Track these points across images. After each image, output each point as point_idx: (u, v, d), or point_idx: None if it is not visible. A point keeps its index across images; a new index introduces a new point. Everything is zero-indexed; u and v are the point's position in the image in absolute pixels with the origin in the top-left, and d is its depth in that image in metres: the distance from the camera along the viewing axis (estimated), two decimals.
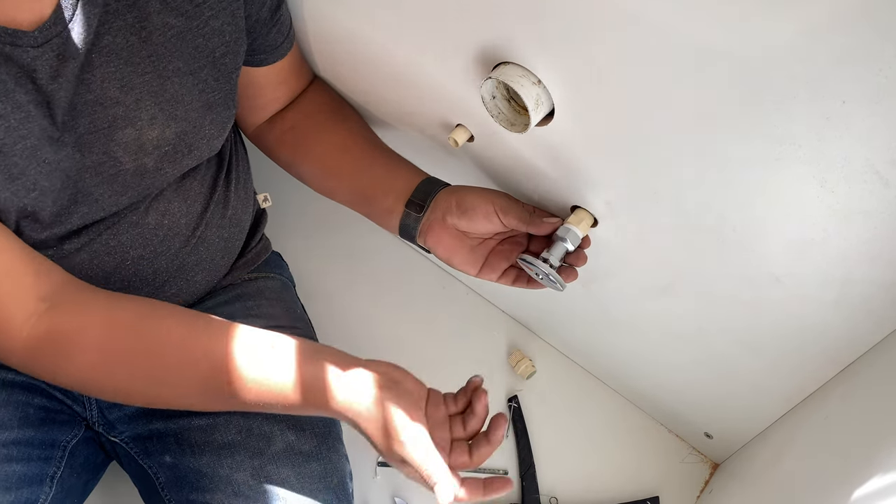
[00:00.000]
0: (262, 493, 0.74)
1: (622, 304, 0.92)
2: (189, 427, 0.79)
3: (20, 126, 0.61)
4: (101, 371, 0.67)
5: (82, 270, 0.73)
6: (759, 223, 0.64)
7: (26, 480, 0.70)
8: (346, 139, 0.89)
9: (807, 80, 0.49)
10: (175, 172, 0.75)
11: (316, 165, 0.89)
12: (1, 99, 0.60)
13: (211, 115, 0.74)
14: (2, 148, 0.61)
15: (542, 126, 0.70)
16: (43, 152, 0.64)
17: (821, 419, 0.76)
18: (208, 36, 0.70)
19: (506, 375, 1.14)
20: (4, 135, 0.61)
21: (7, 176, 0.62)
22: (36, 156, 0.63)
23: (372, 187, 0.85)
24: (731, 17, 0.49)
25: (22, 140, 0.62)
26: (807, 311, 0.70)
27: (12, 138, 0.61)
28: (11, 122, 0.61)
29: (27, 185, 0.64)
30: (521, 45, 0.64)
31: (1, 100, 0.60)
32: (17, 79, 0.60)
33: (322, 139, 0.89)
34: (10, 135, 0.61)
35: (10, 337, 0.65)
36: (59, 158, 0.65)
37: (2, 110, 0.60)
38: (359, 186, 0.86)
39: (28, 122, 0.62)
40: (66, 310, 0.67)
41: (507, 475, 1.06)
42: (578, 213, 0.77)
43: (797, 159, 0.55)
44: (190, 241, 0.80)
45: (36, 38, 0.60)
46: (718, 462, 1.08)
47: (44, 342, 0.66)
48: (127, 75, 0.66)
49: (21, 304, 0.65)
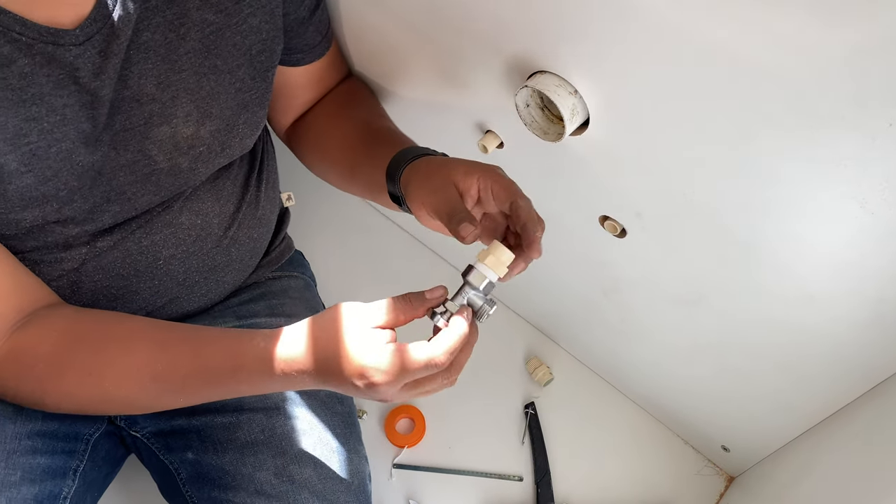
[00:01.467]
0: (284, 492, 0.74)
1: (645, 314, 0.92)
2: (212, 425, 0.79)
3: (55, 129, 0.62)
4: (51, 381, 0.66)
5: (115, 269, 0.73)
6: (796, 241, 0.63)
7: (50, 473, 0.70)
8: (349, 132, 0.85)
9: (855, 101, 0.49)
10: (207, 171, 0.75)
11: (326, 163, 0.88)
12: (36, 102, 0.60)
13: (245, 115, 0.74)
14: (36, 151, 0.61)
15: (575, 135, 0.70)
16: (78, 155, 0.64)
17: (846, 439, 0.75)
18: (245, 33, 0.70)
19: (523, 382, 1.14)
20: (38, 138, 0.61)
21: (40, 178, 0.63)
22: (70, 159, 0.64)
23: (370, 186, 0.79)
24: (781, 35, 0.49)
25: (57, 143, 0.62)
26: (838, 330, 0.69)
27: (47, 141, 0.62)
28: (45, 126, 0.61)
29: (58, 185, 0.64)
30: (558, 55, 0.64)
31: (36, 103, 0.60)
32: (58, 81, 0.60)
33: (330, 133, 0.87)
34: (44, 138, 0.61)
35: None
36: (95, 159, 0.65)
37: (36, 113, 0.60)
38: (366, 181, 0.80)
39: (63, 126, 0.62)
40: (31, 326, 0.66)
41: (521, 480, 1.06)
42: (495, 250, 0.62)
43: (839, 179, 0.55)
44: (222, 242, 0.80)
45: (77, 36, 0.60)
46: (734, 475, 1.07)
47: (4, 361, 0.66)
48: (164, 72, 0.66)
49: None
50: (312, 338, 0.62)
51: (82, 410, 0.68)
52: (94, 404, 0.67)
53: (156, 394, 0.66)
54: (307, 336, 0.62)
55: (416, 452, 1.07)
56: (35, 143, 0.61)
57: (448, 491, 1.05)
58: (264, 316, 0.87)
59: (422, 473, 1.06)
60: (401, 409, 1.09)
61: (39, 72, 0.59)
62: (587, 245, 0.86)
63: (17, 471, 0.65)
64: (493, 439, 1.09)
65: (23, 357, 0.65)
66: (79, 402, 0.66)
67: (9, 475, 0.64)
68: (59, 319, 0.68)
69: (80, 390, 0.66)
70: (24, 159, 0.61)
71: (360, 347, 0.59)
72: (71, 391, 0.66)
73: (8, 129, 0.59)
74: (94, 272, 0.73)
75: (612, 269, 0.86)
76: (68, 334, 0.66)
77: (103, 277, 0.74)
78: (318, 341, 0.61)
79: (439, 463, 1.07)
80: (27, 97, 0.59)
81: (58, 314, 0.68)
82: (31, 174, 0.62)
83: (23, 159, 0.61)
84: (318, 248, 1.14)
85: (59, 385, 0.65)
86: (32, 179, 0.62)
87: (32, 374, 0.66)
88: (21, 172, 0.61)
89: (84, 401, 0.66)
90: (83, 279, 0.73)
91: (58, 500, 0.70)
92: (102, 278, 0.74)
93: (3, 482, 0.64)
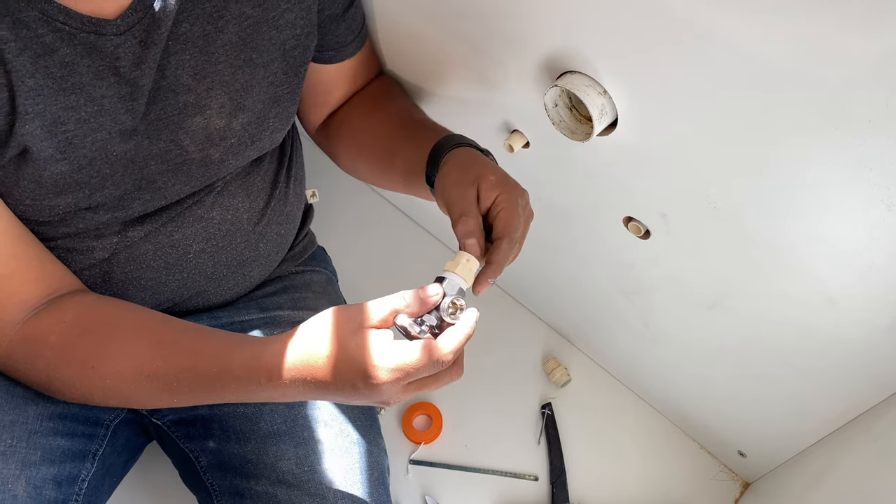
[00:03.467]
0: (305, 482, 0.75)
1: (665, 316, 0.92)
2: (234, 414, 0.80)
3: (91, 119, 0.63)
4: (57, 369, 0.66)
5: (145, 261, 0.75)
6: (820, 244, 0.64)
7: (70, 455, 0.71)
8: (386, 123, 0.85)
9: (885, 105, 0.50)
10: (237, 163, 0.76)
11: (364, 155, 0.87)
12: (75, 91, 0.61)
13: (276, 109, 0.75)
14: (72, 140, 0.63)
15: (603, 136, 0.71)
16: (113, 145, 0.65)
17: (864, 445, 0.75)
18: (281, 28, 0.71)
19: (540, 382, 1.14)
20: (76, 127, 0.62)
21: (75, 166, 0.64)
22: (105, 148, 0.65)
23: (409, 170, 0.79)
24: (809, 40, 0.50)
25: (93, 133, 0.63)
26: (860, 335, 0.69)
27: (83, 131, 0.63)
28: (82, 115, 0.62)
29: (91, 173, 0.65)
30: (589, 55, 0.65)
31: (75, 92, 0.61)
32: (99, 71, 0.62)
33: (365, 126, 0.87)
34: (80, 127, 0.63)
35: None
36: (128, 148, 0.67)
37: (74, 102, 0.61)
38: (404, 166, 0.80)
39: (100, 116, 0.63)
40: (47, 312, 0.67)
41: (536, 480, 1.06)
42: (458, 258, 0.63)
43: (867, 182, 0.55)
44: (250, 237, 0.82)
45: (118, 26, 0.61)
46: (750, 481, 1.07)
47: (18, 345, 0.67)
48: (201, 63, 0.67)
49: (14, 308, 0.66)
50: (305, 344, 0.60)
51: (86, 401, 0.68)
52: (96, 396, 0.67)
53: (151, 391, 0.66)
54: (299, 343, 0.60)
55: (432, 449, 1.08)
56: (72, 131, 0.62)
57: (464, 488, 1.05)
58: (288, 309, 0.88)
59: (438, 470, 1.06)
60: (418, 405, 1.10)
61: (81, 61, 0.61)
62: (610, 246, 0.87)
63: (38, 451, 0.67)
64: (510, 439, 1.10)
65: (34, 344, 0.66)
66: (81, 392, 0.67)
67: (29, 454, 0.66)
68: (70, 309, 0.68)
69: (83, 382, 0.66)
70: (61, 147, 0.63)
71: (361, 348, 0.57)
72: (74, 382, 0.66)
73: (46, 117, 0.61)
74: (126, 263, 0.74)
75: (634, 270, 0.86)
76: (76, 326, 0.67)
77: (134, 269, 0.75)
78: (312, 347, 0.59)
79: (455, 460, 1.07)
80: (67, 86, 0.61)
81: (71, 303, 0.69)
82: (65, 162, 0.63)
83: (59, 147, 0.62)
84: (339, 244, 1.15)
85: (63, 375, 0.66)
86: (67, 167, 0.64)
87: (41, 362, 0.67)
88: (56, 160, 0.63)
89: (86, 392, 0.67)
90: (114, 269, 0.74)
91: (76, 482, 0.71)
92: (133, 269, 0.75)
93: (24, 461, 0.65)
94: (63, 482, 0.69)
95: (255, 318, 0.86)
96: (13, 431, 0.66)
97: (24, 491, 0.64)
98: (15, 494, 0.63)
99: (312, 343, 0.60)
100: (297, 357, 0.60)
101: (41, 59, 0.59)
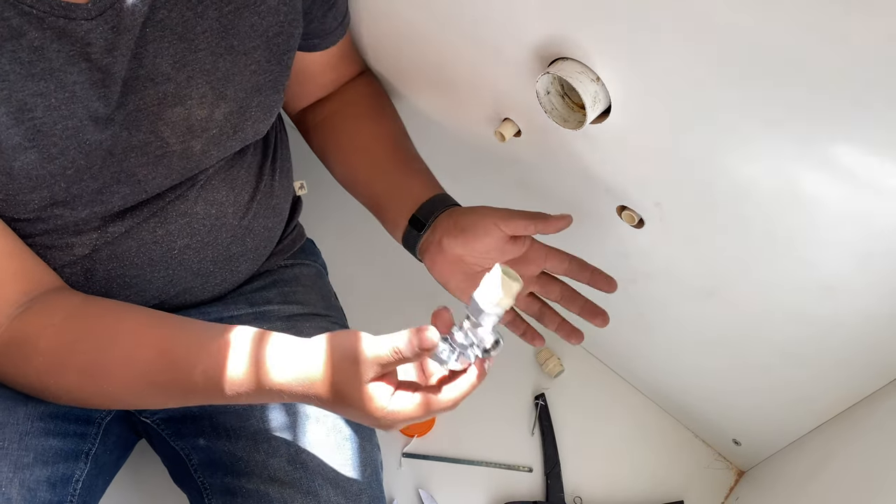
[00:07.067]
0: (297, 479, 0.74)
1: (661, 306, 0.91)
2: (224, 411, 0.79)
3: (62, 106, 0.61)
4: (53, 375, 0.65)
5: (128, 258, 0.73)
6: (818, 231, 0.63)
7: (63, 455, 0.70)
8: (372, 139, 0.88)
9: (886, 89, 0.48)
10: (219, 155, 0.74)
11: (340, 159, 0.89)
12: (45, 77, 0.59)
13: (259, 98, 0.73)
14: (41, 127, 0.60)
15: (595, 123, 0.69)
16: (85, 133, 0.63)
17: (861, 433, 0.75)
18: (263, 14, 0.69)
19: (533, 373, 1.14)
20: (44, 114, 0.60)
21: (45, 156, 0.62)
22: (78, 137, 0.63)
23: (385, 195, 0.85)
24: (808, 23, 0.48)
25: (63, 120, 0.61)
26: (857, 323, 0.69)
27: (53, 118, 0.61)
28: (52, 102, 0.60)
29: (65, 164, 0.63)
30: (581, 41, 0.63)
31: (45, 77, 0.59)
32: (69, 57, 0.59)
33: (350, 133, 0.88)
34: (50, 114, 0.60)
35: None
36: (104, 138, 0.64)
37: (44, 88, 0.59)
38: (373, 191, 0.86)
39: (72, 103, 0.61)
40: (34, 313, 0.66)
41: (531, 471, 1.06)
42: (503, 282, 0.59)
43: (867, 168, 0.54)
44: (237, 232, 0.80)
45: (90, 11, 0.59)
46: (744, 469, 1.07)
47: (4, 348, 0.65)
48: (180, 51, 0.65)
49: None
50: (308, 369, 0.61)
51: (84, 406, 0.68)
52: (92, 401, 0.67)
53: (158, 400, 0.67)
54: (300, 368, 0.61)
55: (425, 442, 1.07)
56: (40, 118, 0.60)
57: (457, 481, 1.05)
58: (277, 303, 0.87)
59: (431, 463, 1.06)
60: None
61: (50, 46, 0.58)
62: (603, 235, 0.86)
63: (31, 452, 0.65)
64: (503, 430, 1.09)
65: (22, 348, 0.65)
66: (77, 398, 0.66)
67: (22, 456, 0.64)
68: (58, 311, 0.66)
69: (80, 389, 0.65)
70: (28, 134, 0.60)
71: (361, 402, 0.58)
72: (71, 389, 0.65)
73: (12, 104, 0.58)
74: (108, 260, 0.72)
75: (628, 259, 0.85)
76: (69, 330, 0.65)
77: (117, 266, 0.73)
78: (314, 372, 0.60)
79: (449, 453, 1.07)
80: (36, 71, 0.58)
81: (58, 303, 0.67)
82: (34, 150, 0.61)
83: (26, 134, 0.60)
84: (329, 237, 1.13)
85: (59, 382, 0.65)
86: (36, 156, 0.61)
87: (31, 367, 0.65)
88: (25, 148, 0.60)
89: (83, 397, 0.66)
90: (96, 267, 0.72)
91: (70, 482, 0.70)
92: (116, 267, 0.73)
93: (17, 463, 0.63)
94: (57, 483, 0.67)
95: (244, 314, 0.84)
96: (4, 433, 0.64)
97: (18, 494, 0.62)
98: (9, 497, 0.61)
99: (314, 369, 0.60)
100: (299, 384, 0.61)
101: (7, 42, 0.57)
